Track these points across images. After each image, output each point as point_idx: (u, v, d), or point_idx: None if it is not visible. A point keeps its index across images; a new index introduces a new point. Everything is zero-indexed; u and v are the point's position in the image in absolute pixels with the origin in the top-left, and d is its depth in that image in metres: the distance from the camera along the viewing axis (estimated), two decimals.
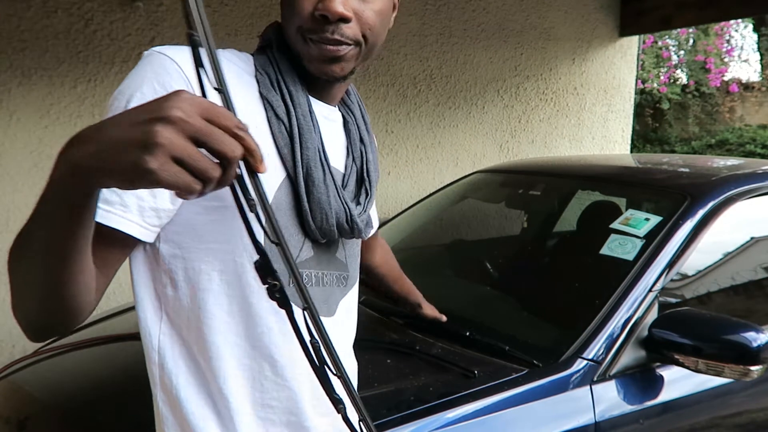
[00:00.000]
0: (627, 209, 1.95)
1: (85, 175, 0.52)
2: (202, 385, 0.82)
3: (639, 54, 4.43)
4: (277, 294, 0.60)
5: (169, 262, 0.79)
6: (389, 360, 1.49)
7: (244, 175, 0.56)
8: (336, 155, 0.88)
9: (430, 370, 1.45)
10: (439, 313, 1.50)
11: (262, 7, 3.00)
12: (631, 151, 5.17)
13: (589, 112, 4.16)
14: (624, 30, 4.12)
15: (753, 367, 1.40)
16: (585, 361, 1.46)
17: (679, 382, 1.57)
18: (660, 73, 9.18)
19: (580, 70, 4.07)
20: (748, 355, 1.40)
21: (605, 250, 1.74)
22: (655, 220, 1.76)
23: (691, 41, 9.52)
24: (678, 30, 8.93)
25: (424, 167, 3.61)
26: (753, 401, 1.74)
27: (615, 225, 1.81)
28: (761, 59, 10.11)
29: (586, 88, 4.12)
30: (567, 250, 2.28)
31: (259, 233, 0.66)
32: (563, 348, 1.50)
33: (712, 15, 3.86)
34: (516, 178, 2.54)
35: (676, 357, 1.47)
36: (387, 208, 3.44)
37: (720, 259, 1.89)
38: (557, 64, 3.97)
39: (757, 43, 10.04)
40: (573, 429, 1.38)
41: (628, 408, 1.47)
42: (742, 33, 9.94)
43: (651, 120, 9.54)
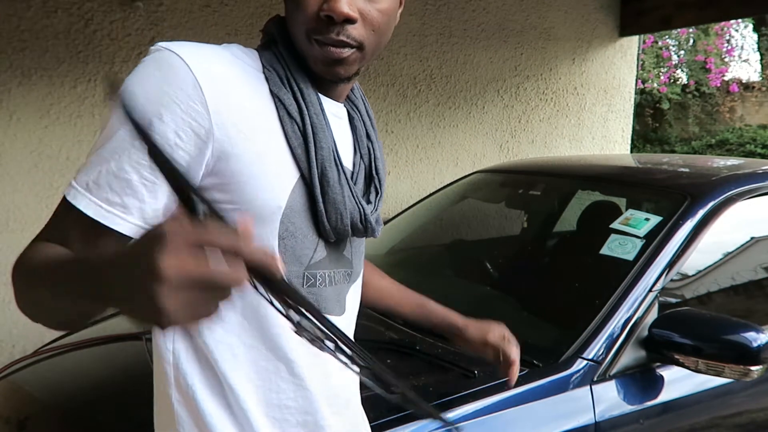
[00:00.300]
0: (627, 209, 1.95)
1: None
2: (217, 386, 0.81)
3: (639, 54, 4.43)
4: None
5: None
6: (389, 360, 1.49)
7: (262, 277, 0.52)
8: (344, 153, 0.87)
9: (430, 370, 1.45)
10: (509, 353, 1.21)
11: (262, 7, 3.00)
12: (631, 151, 5.17)
13: (589, 112, 4.16)
14: (624, 30, 4.12)
15: (753, 367, 1.40)
16: (585, 361, 1.46)
17: (679, 382, 1.57)
18: (660, 73, 9.17)
19: (580, 70, 4.06)
20: (748, 355, 1.40)
21: (605, 250, 1.74)
22: (655, 220, 1.76)
23: (691, 41, 9.52)
24: (678, 30, 8.93)
25: (424, 167, 3.61)
26: (753, 401, 1.74)
27: (615, 225, 1.81)
28: (761, 59, 10.10)
29: (586, 88, 4.11)
30: (567, 250, 2.28)
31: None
32: (563, 348, 1.50)
33: (712, 15, 3.86)
34: (516, 178, 2.54)
35: (676, 357, 1.47)
36: (387, 208, 3.44)
37: (720, 259, 1.89)
38: (557, 64, 3.96)
39: (757, 43, 10.04)
40: (573, 429, 1.38)
41: (628, 408, 1.47)
42: (742, 33, 9.94)
43: (651, 120, 9.53)
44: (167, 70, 0.70)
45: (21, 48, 2.54)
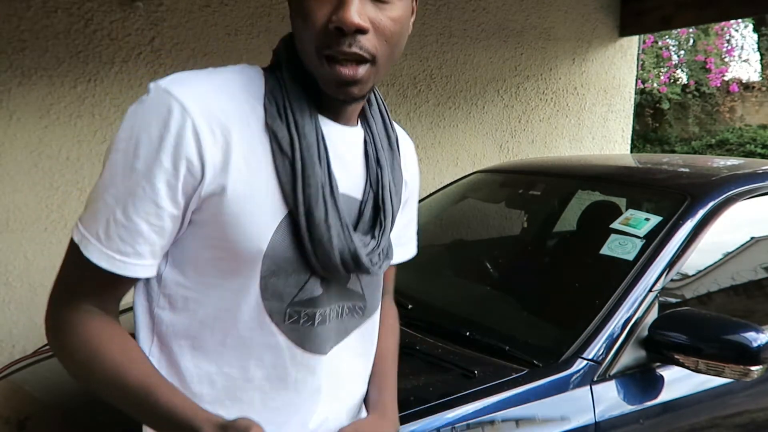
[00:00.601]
0: (627, 209, 1.95)
1: None
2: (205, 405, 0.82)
3: (639, 54, 4.43)
4: None
5: (171, 287, 0.79)
6: None
7: None
8: (353, 181, 0.83)
9: (430, 370, 1.45)
10: None
11: (262, 7, 3.00)
12: (631, 151, 5.17)
13: (589, 112, 4.16)
14: (624, 30, 4.11)
15: (753, 367, 1.40)
16: (585, 361, 1.46)
17: (679, 382, 1.57)
18: (660, 73, 9.18)
19: (580, 70, 4.06)
20: (748, 355, 1.40)
21: (605, 250, 1.74)
22: (655, 220, 1.76)
23: (691, 41, 9.52)
24: (678, 30, 8.93)
25: (424, 167, 3.61)
26: (753, 401, 1.74)
27: (615, 225, 1.81)
28: (761, 59, 10.11)
29: (586, 88, 4.11)
30: (567, 250, 2.28)
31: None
32: (563, 348, 1.50)
33: (712, 15, 3.86)
34: (516, 178, 2.54)
35: (676, 357, 1.47)
36: None
37: (720, 259, 1.89)
38: (557, 64, 3.97)
39: (757, 43, 10.04)
40: (573, 429, 1.38)
41: (628, 408, 1.47)
42: (742, 33, 9.95)
43: (651, 120, 9.54)
44: (166, 116, 0.71)
45: (21, 48, 2.54)
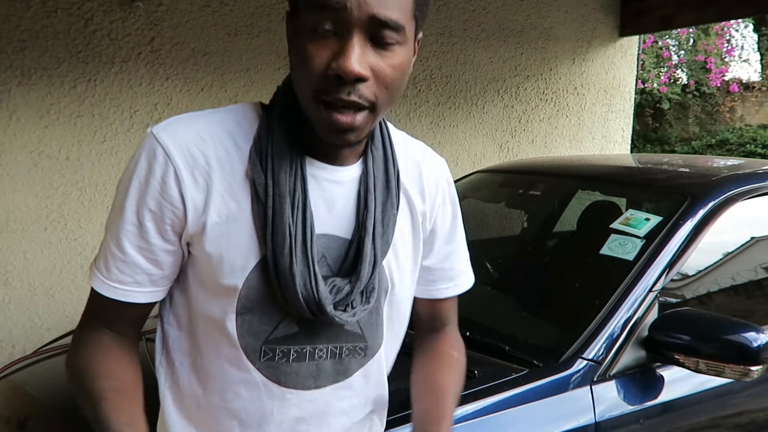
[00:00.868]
0: (627, 209, 1.95)
1: None
2: (185, 418, 0.88)
3: (639, 54, 4.43)
4: None
5: (177, 307, 0.86)
6: None
7: None
8: (342, 221, 0.82)
9: None
10: None
11: (262, 7, 3.00)
12: (631, 151, 5.17)
13: (589, 112, 4.16)
14: (624, 30, 4.11)
15: (753, 368, 1.40)
16: (585, 361, 1.46)
17: (680, 382, 1.57)
18: (660, 73, 9.18)
19: (580, 70, 4.06)
20: (748, 355, 1.40)
21: (605, 250, 1.74)
22: (656, 220, 1.76)
23: (692, 41, 9.52)
24: (678, 30, 8.93)
25: None
26: (753, 401, 1.74)
27: (615, 225, 1.81)
28: (761, 59, 10.11)
29: (586, 88, 4.11)
30: (567, 250, 2.28)
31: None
32: (563, 348, 1.50)
33: (712, 15, 3.86)
34: (516, 178, 2.54)
35: (676, 357, 1.47)
36: None
37: (720, 259, 1.89)
38: (557, 64, 3.96)
39: (758, 43, 10.05)
40: (573, 429, 1.38)
41: (628, 408, 1.47)
42: (742, 33, 9.95)
43: (651, 120, 9.54)
44: (152, 161, 0.77)
45: (21, 48, 2.54)
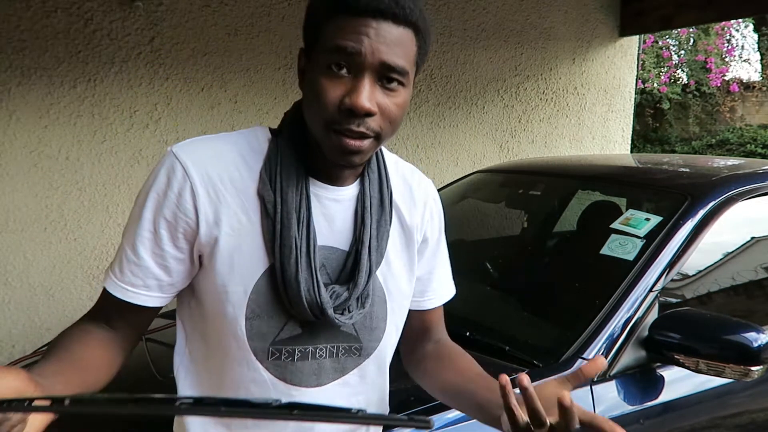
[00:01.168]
0: (627, 209, 1.95)
1: None
2: (202, 417, 0.93)
3: (639, 54, 4.43)
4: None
5: (194, 316, 0.94)
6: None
7: None
8: (341, 235, 0.93)
9: None
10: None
11: (262, 7, 3.00)
12: (631, 151, 5.17)
13: (589, 112, 4.16)
14: (624, 30, 4.11)
15: (753, 368, 1.40)
16: (585, 362, 1.46)
17: (680, 382, 1.57)
18: (660, 73, 9.18)
19: (580, 70, 4.06)
20: (748, 356, 1.40)
21: (605, 250, 1.74)
22: (656, 220, 1.76)
23: (692, 41, 9.52)
24: (678, 30, 8.93)
25: (424, 167, 3.60)
26: (753, 401, 1.74)
27: (615, 225, 1.81)
28: (762, 59, 10.10)
29: (586, 88, 4.11)
30: (567, 250, 2.28)
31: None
32: (563, 348, 1.50)
33: (712, 15, 3.86)
34: (516, 178, 2.54)
35: (676, 357, 1.47)
36: None
37: (720, 259, 1.89)
38: (557, 64, 3.96)
39: (758, 43, 10.04)
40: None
41: (628, 408, 1.47)
42: (742, 33, 9.95)
43: (651, 120, 9.54)
44: (171, 176, 0.86)
45: (21, 48, 2.54)
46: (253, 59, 3.00)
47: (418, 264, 1.04)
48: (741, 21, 9.58)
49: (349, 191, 0.94)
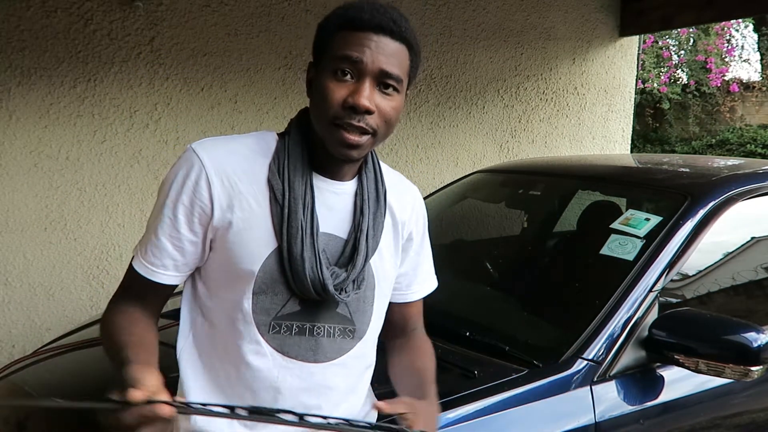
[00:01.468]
0: (627, 209, 1.95)
1: None
2: (204, 392, 1.03)
3: (639, 54, 4.43)
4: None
5: (201, 297, 1.05)
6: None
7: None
8: (339, 224, 1.04)
9: None
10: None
11: (262, 7, 3.00)
12: (631, 151, 5.17)
13: (589, 112, 4.16)
14: (624, 30, 4.11)
15: (753, 368, 1.40)
16: (585, 362, 1.46)
17: (680, 382, 1.57)
18: (660, 73, 9.18)
19: (580, 70, 4.06)
20: (748, 356, 1.40)
21: (605, 250, 1.74)
22: (656, 220, 1.76)
23: (692, 41, 9.52)
24: (678, 30, 8.92)
25: (424, 167, 3.60)
26: (753, 401, 1.74)
27: (615, 225, 1.81)
28: (762, 59, 10.10)
29: (586, 88, 4.11)
30: (567, 250, 2.28)
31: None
32: (563, 348, 1.50)
33: (712, 15, 3.86)
34: (516, 178, 2.54)
35: (676, 357, 1.47)
36: None
37: (720, 259, 1.89)
38: (557, 64, 3.96)
39: (758, 43, 10.04)
40: (573, 429, 1.38)
41: (628, 408, 1.47)
42: (742, 33, 9.94)
43: (651, 120, 9.54)
44: (189, 168, 0.98)
45: (20, 48, 2.54)
46: (253, 59, 3.00)
47: (404, 260, 1.17)
48: (741, 21, 9.57)
49: (348, 186, 1.06)
